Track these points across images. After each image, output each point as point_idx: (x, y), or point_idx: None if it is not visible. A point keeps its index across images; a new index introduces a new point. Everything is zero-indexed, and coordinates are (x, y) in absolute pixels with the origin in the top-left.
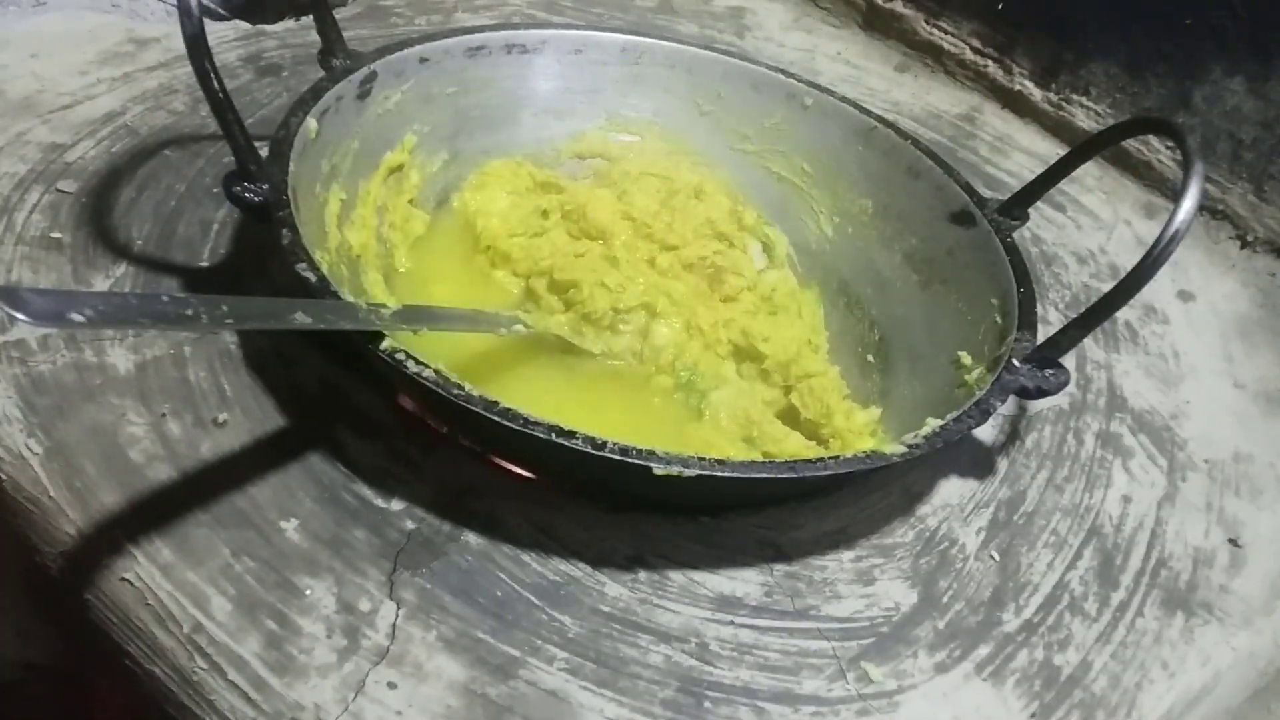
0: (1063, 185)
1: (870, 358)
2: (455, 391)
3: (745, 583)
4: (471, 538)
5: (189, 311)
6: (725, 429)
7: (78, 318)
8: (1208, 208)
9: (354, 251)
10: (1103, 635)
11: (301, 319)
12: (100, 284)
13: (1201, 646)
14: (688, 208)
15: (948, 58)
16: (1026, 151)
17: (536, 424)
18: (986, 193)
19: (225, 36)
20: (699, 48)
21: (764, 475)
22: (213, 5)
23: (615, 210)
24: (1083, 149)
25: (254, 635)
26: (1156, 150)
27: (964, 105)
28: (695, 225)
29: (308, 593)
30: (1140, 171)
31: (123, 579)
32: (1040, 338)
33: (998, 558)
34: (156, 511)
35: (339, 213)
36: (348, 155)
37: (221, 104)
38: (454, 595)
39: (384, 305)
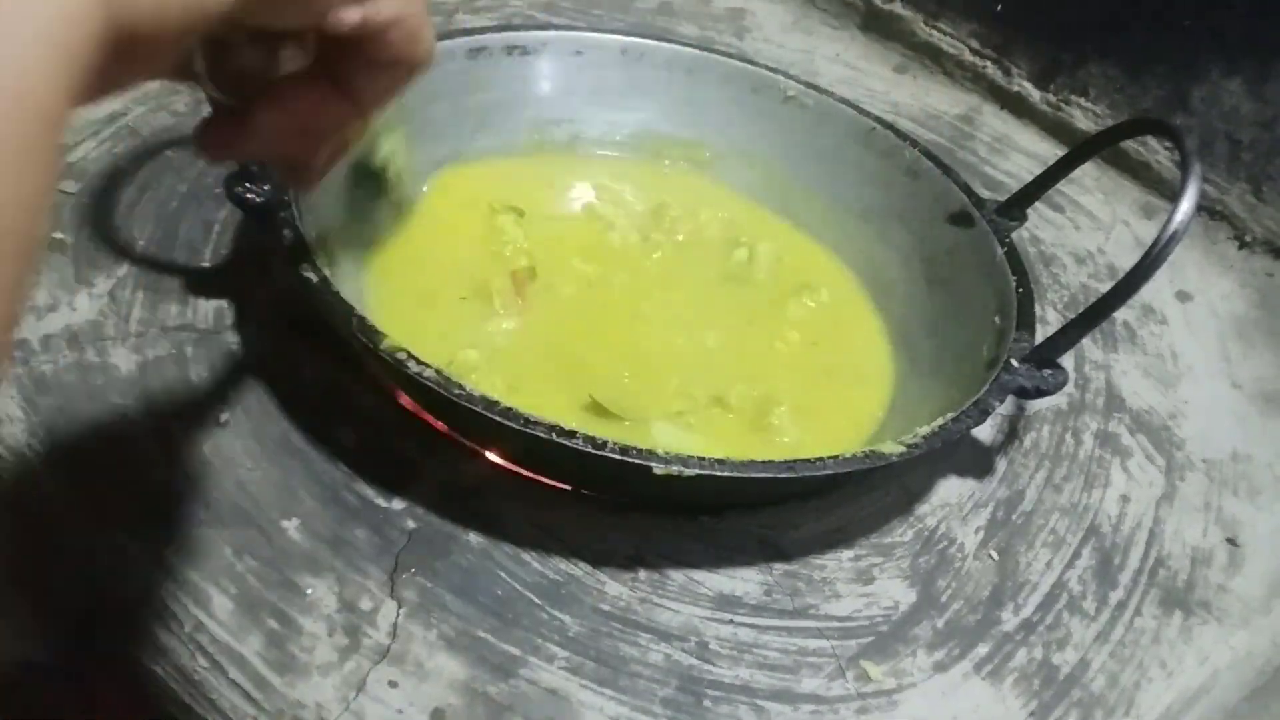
0: (1061, 186)
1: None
2: (456, 391)
3: (745, 582)
4: (472, 537)
5: None
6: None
7: None
8: (1206, 208)
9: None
10: (1101, 634)
11: None
12: (102, 284)
13: (1200, 646)
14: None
15: (946, 59)
16: (1025, 152)
17: (537, 424)
18: (985, 193)
19: None
20: (699, 49)
21: (763, 475)
22: None
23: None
24: (1081, 150)
25: (255, 634)
26: (1155, 151)
27: (963, 106)
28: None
29: (309, 592)
30: (1139, 172)
31: (124, 578)
32: (1039, 338)
33: (996, 557)
34: (158, 511)
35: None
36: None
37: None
38: (455, 594)
39: None
